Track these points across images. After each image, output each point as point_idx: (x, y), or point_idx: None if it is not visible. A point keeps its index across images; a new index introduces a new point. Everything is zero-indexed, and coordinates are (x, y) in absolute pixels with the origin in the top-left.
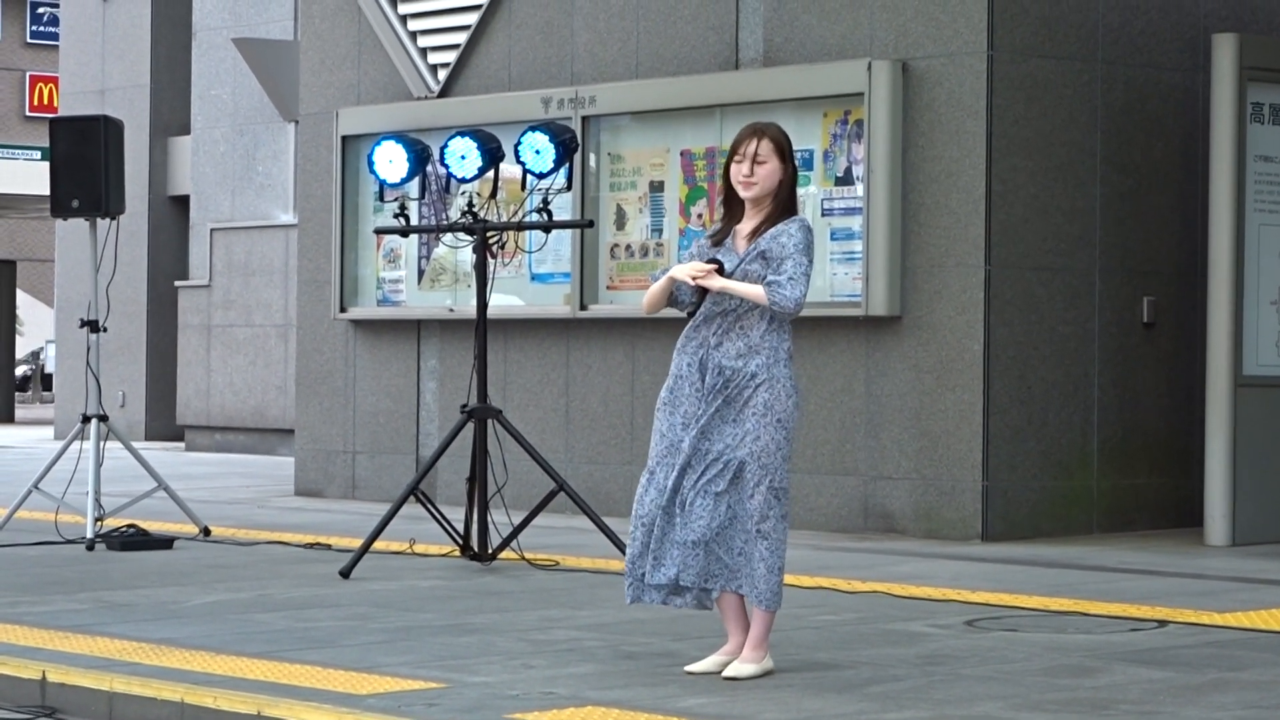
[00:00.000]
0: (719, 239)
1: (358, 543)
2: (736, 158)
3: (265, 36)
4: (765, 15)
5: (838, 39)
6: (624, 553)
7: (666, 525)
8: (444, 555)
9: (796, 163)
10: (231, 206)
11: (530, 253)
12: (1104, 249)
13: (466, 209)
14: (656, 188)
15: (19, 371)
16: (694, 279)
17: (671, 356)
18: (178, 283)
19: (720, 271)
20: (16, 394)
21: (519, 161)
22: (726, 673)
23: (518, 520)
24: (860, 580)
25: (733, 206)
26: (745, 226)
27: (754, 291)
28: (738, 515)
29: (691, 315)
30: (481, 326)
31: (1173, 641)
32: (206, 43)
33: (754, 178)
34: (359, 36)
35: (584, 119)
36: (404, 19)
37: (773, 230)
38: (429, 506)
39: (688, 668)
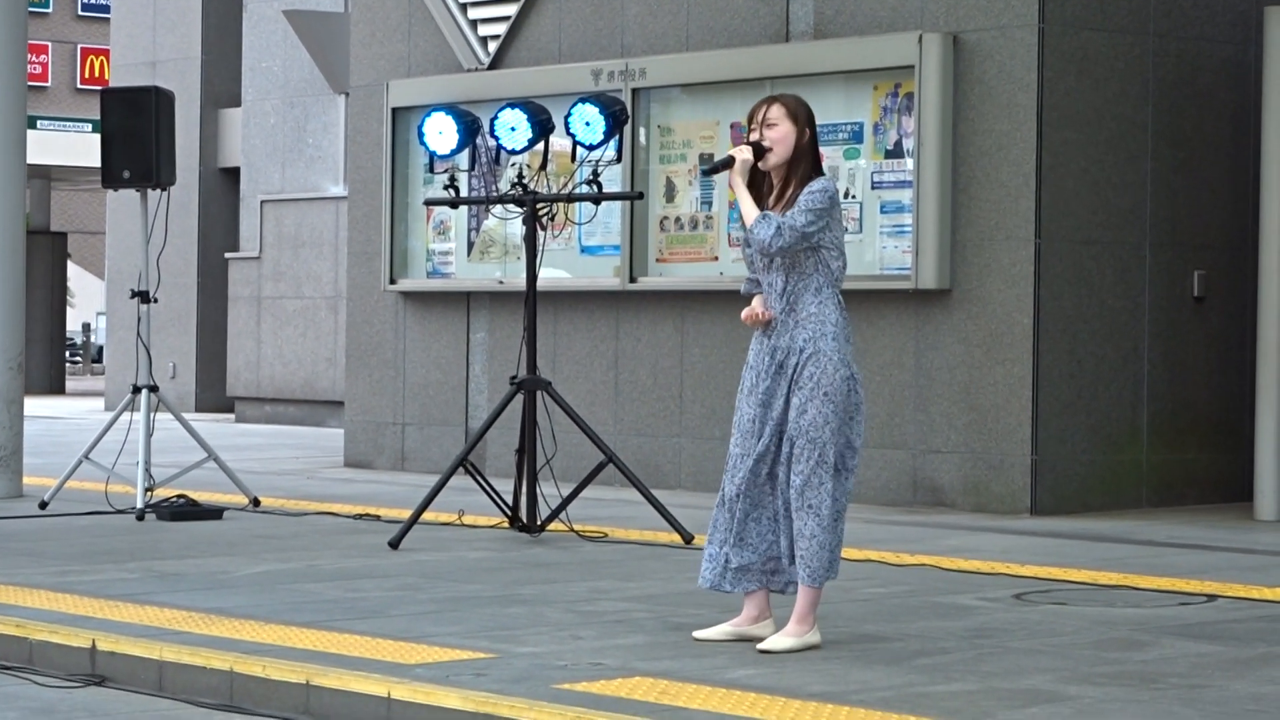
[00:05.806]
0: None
1: (407, 514)
2: (752, 126)
3: (316, 9)
4: None
5: (888, 11)
6: (672, 524)
7: (750, 508)
8: (492, 526)
9: (817, 132)
10: (282, 178)
11: (580, 225)
12: (1154, 223)
13: (516, 181)
14: (706, 160)
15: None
16: (743, 147)
17: (719, 329)
18: (228, 254)
19: (757, 155)
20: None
21: (569, 134)
22: (763, 645)
23: (566, 492)
24: (909, 553)
25: (760, 187)
26: (772, 203)
27: (748, 211)
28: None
29: (748, 300)
30: (531, 298)
31: (1222, 616)
32: (257, 15)
33: (767, 141)
34: (409, 8)
35: (634, 91)
36: None
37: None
38: (478, 478)
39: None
